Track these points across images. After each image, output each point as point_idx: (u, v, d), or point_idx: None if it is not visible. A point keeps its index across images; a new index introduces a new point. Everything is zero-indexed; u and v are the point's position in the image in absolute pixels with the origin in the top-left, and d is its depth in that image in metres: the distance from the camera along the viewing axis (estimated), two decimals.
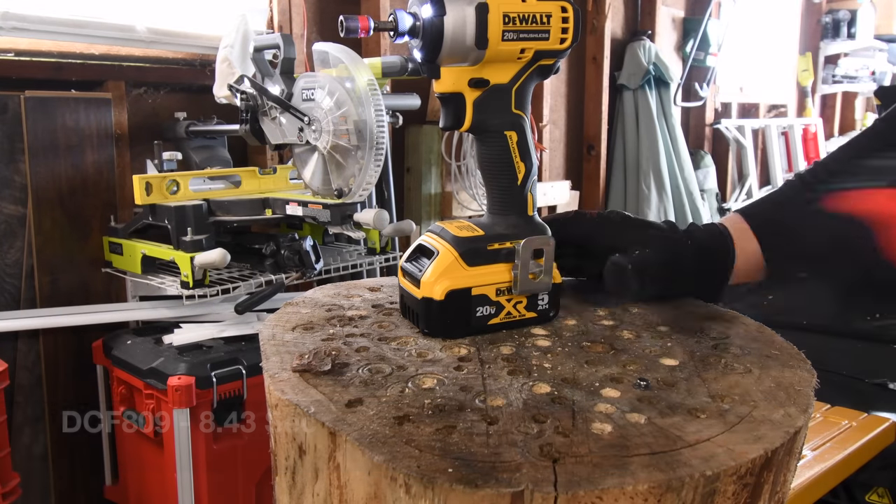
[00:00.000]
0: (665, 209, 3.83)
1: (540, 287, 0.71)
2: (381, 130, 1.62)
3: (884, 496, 1.50)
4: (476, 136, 0.72)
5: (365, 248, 2.11)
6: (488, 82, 0.69)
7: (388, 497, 0.47)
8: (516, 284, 0.70)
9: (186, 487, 1.64)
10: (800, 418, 0.53)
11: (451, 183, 2.85)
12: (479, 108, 0.69)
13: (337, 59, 1.66)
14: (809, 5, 5.71)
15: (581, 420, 0.52)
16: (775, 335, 0.71)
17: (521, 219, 0.72)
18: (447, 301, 0.68)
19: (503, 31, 0.66)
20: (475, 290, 0.69)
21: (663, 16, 4.10)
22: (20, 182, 1.88)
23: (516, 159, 0.71)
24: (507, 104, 0.70)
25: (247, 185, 1.94)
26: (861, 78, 5.85)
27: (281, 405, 0.55)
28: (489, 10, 0.65)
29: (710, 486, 0.46)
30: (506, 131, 0.70)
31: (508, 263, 0.70)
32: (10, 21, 1.84)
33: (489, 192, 0.73)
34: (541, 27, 0.67)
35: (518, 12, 0.66)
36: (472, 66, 0.68)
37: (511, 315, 0.71)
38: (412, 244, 0.75)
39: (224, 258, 1.64)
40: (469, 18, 0.65)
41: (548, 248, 0.71)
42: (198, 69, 2.17)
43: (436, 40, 0.65)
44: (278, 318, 0.73)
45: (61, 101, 1.91)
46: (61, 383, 1.98)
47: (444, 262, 0.69)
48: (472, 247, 0.69)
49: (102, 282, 2.01)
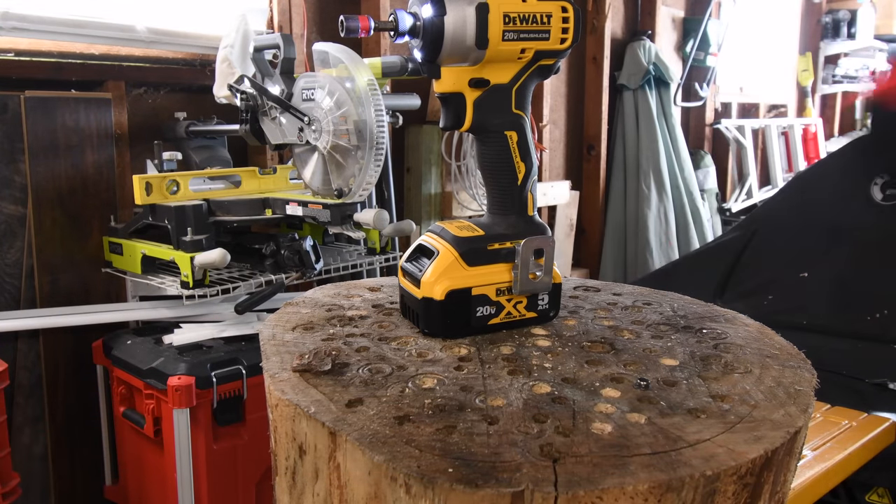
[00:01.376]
0: (665, 209, 3.83)
1: (540, 287, 0.71)
2: (381, 130, 1.62)
3: (884, 496, 1.50)
4: (476, 136, 0.72)
5: (365, 248, 2.11)
6: (488, 82, 0.69)
7: (389, 497, 0.47)
8: (516, 284, 0.70)
9: (186, 487, 1.64)
10: (800, 418, 0.53)
11: (451, 183, 2.85)
12: (480, 108, 0.69)
13: (337, 59, 1.66)
14: (809, 5, 5.71)
15: (581, 420, 0.52)
16: (775, 335, 0.71)
17: (521, 219, 0.72)
18: (447, 301, 0.68)
19: (503, 31, 0.66)
20: (475, 290, 0.69)
21: (663, 16, 4.10)
22: (20, 182, 1.88)
23: (516, 159, 0.71)
24: (507, 104, 0.70)
25: (247, 185, 1.94)
26: (861, 78, 5.85)
27: (281, 405, 0.55)
28: (490, 10, 0.65)
29: (710, 486, 0.46)
30: (506, 131, 0.70)
31: (508, 263, 0.70)
32: (10, 21, 1.84)
33: (489, 192, 0.73)
34: (541, 27, 0.67)
35: (518, 12, 0.66)
36: (473, 66, 0.68)
37: (511, 315, 0.71)
38: (412, 244, 0.75)
39: (224, 258, 1.64)
40: (469, 18, 0.65)
41: (548, 247, 0.71)
42: (198, 69, 2.17)
43: (436, 40, 0.65)
44: (278, 318, 0.73)
45: (61, 101, 1.91)
46: (61, 383, 1.98)
47: (445, 262, 0.69)
48: (473, 247, 0.69)
49: (102, 282, 2.01)
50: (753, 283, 2.35)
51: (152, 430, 1.68)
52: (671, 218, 3.86)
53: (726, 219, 4.42)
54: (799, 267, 2.30)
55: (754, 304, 2.24)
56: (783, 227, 2.48)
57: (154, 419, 1.67)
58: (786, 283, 2.30)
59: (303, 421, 0.53)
